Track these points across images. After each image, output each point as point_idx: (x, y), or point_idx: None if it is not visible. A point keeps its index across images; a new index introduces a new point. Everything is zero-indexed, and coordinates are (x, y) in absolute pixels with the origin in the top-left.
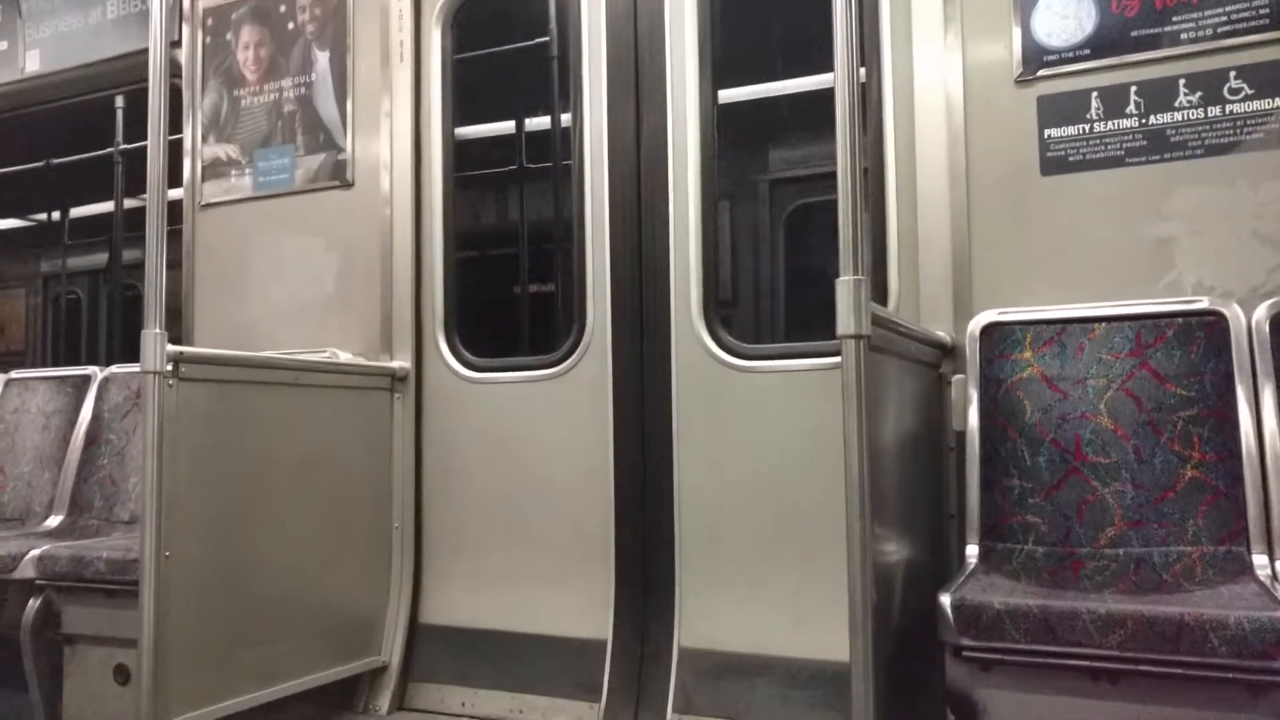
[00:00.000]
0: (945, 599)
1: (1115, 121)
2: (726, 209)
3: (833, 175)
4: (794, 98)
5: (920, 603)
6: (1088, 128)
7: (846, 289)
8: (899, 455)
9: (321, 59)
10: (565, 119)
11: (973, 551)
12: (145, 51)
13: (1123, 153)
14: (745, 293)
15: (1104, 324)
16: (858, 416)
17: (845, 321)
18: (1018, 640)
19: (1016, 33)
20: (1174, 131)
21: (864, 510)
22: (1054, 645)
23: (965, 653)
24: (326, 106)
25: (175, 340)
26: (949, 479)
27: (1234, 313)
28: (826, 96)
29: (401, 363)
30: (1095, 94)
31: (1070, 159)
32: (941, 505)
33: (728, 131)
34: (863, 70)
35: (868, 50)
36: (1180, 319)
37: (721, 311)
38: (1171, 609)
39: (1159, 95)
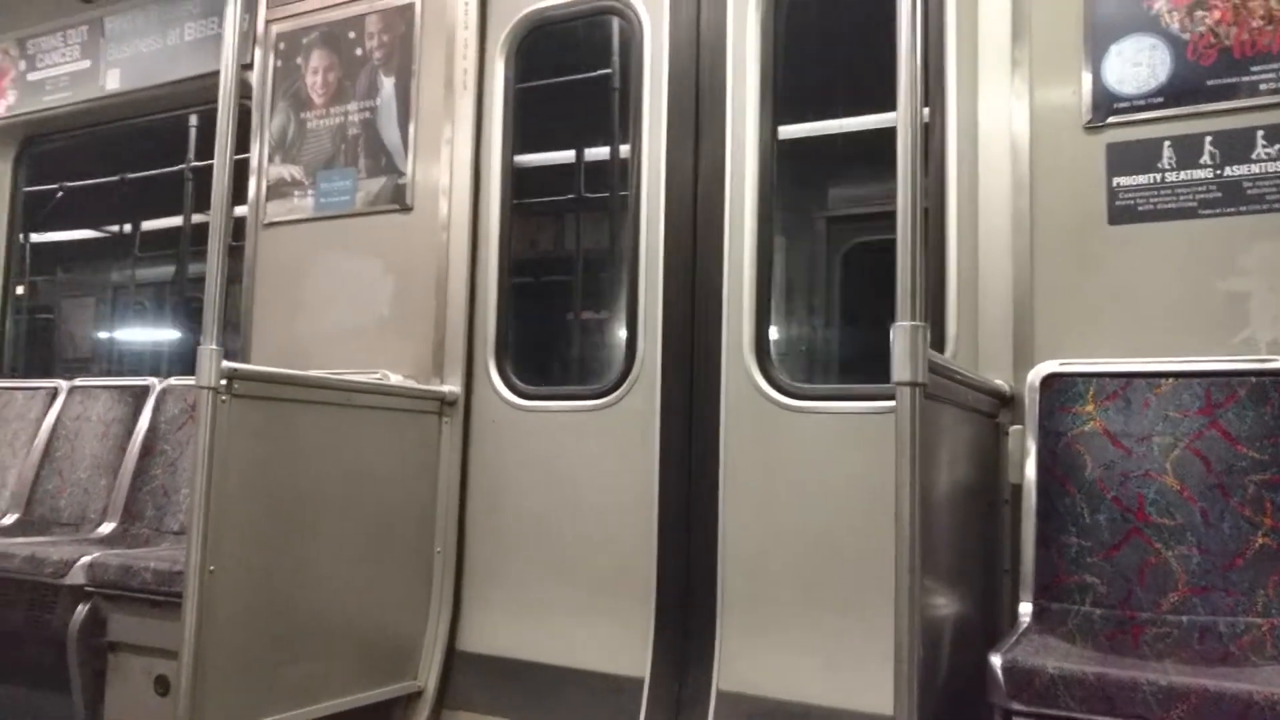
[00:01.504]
0: (996, 660)
1: (1188, 172)
2: (783, 245)
3: (892, 215)
4: (854, 135)
5: (970, 661)
6: (1159, 177)
7: (904, 335)
8: (952, 506)
9: (387, 85)
10: (625, 150)
11: (1026, 610)
12: (218, 73)
13: (1195, 204)
14: (799, 331)
15: (1172, 380)
16: (911, 466)
17: (901, 368)
18: (1072, 708)
19: (1086, 78)
20: (1250, 184)
21: (914, 564)
22: (1111, 716)
23: (1015, 718)
24: (389, 131)
25: (232, 355)
26: (1004, 533)
27: None
28: (888, 135)
29: (451, 387)
30: (1168, 143)
31: (1140, 208)
32: (996, 560)
33: (787, 167)
34: (926, 110)
35: (932, 90)
36: (1254, 378)
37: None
38: (1240, 685)
39: (1235, 146)
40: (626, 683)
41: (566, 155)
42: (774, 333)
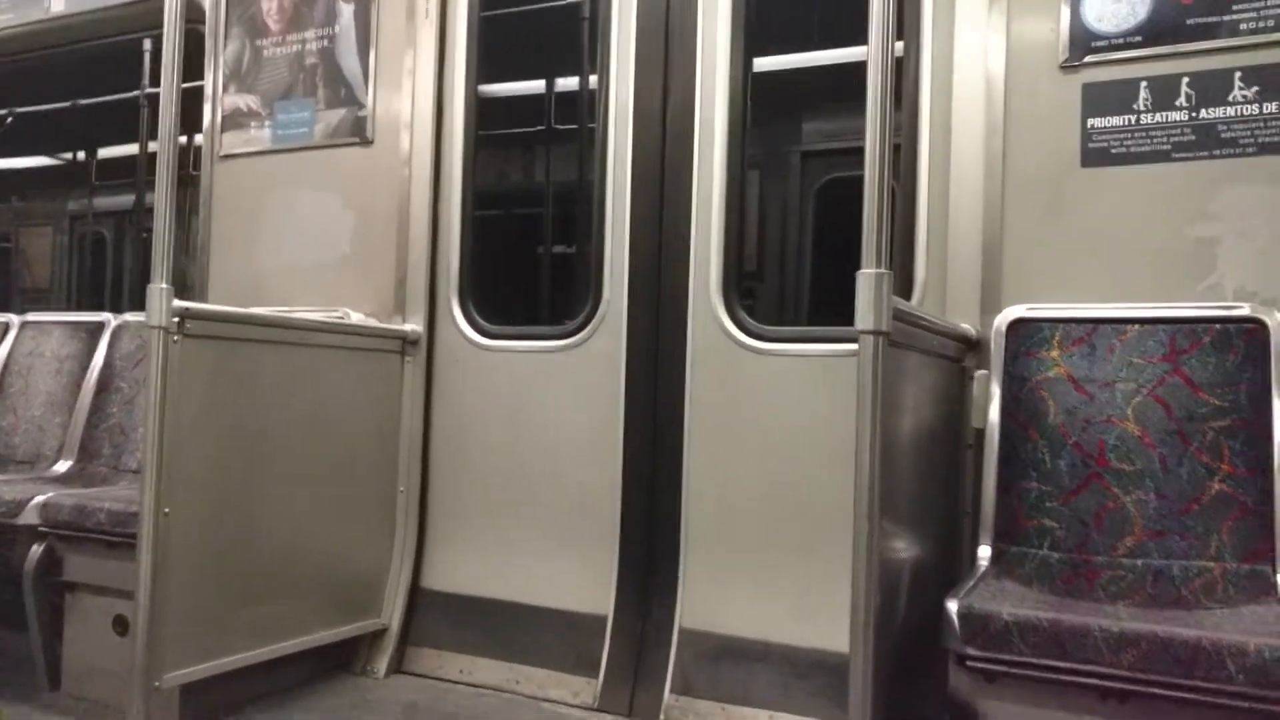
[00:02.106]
0: (952, 605)
1: (1164, 114)
2: (756, 180)
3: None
4: (829, 69)
5: (927, 605)
6: (1134, 119)
7: (868, 282)
8: (914, 450)
9: (346, 11)
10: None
11: (985, 554)
12: None
13: (1169, 147)
14: (771, 269)
15: (1137, 326)
16: (872, 414)
17: (865, 316)
18: (1025, 653)
19: (1065, 15)
20: (1226, 127)
21: (873, 509)
22: (1063, 661)
23: (969, 662)
24: (349, 60)
25: (187, 292)
26: (966, 477)
27: (1276, 321)
28: (863, 69)
29: (414, 326)
30: (1144, 84)
31: (1113, 151)
32: (957, 504)
33: (760, 101)
34: (900, 45)
35: (907, 25)
36: (1219, 325)
37: (745, 284)
38: (1189, 631)
39: (1212, 88)
40: (590, 620)
41: (533, 86)
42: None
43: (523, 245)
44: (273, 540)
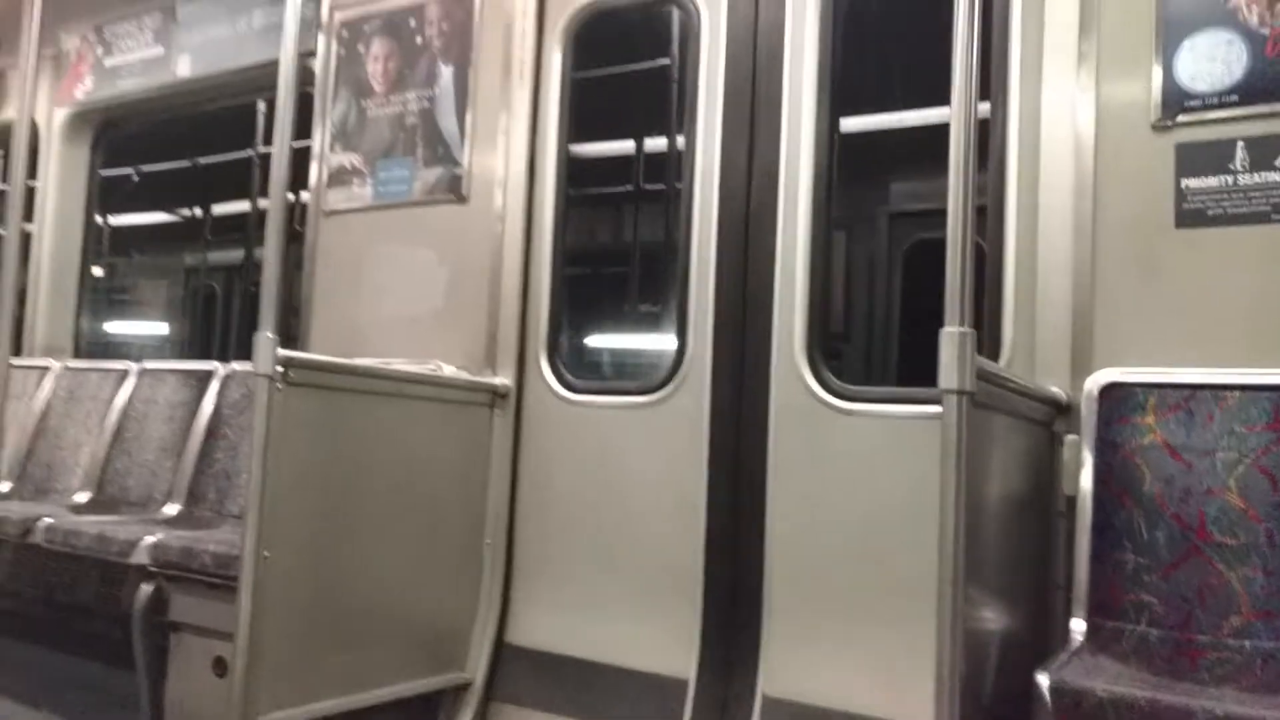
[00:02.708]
0: (1044, 679)
1: (1263, 174)
2: (843, 240)
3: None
4: (917, 130)
5: (1016, 679)
6: (1231, 179)
7: (951, 341)
8: (1002, 516)
9: (445, 74)
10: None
11: (1079, 628)
12: None
13: (1269, 208)
14: (858, 329)
15: (1239, 392)
16: (957, 476)
17: (948, 375)
18: None
19: (1156, 75)
20: None
21: (957, 577)
22: None
23: None
24: (447, 121)
25: (292, 340)
26: (1058, 547)
27: None
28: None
29: (503, 379)
30: (1241, 143)
31: (1209, 212)
32: (1049, 574)
33: (848, 161)
34: (986, 105)
35: (994, 84)
36: None
37: (831, 344)
38: None
39: None
40: (672, 683)
41: (623, 145)
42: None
43: (610, 301)
44: (363, 588)
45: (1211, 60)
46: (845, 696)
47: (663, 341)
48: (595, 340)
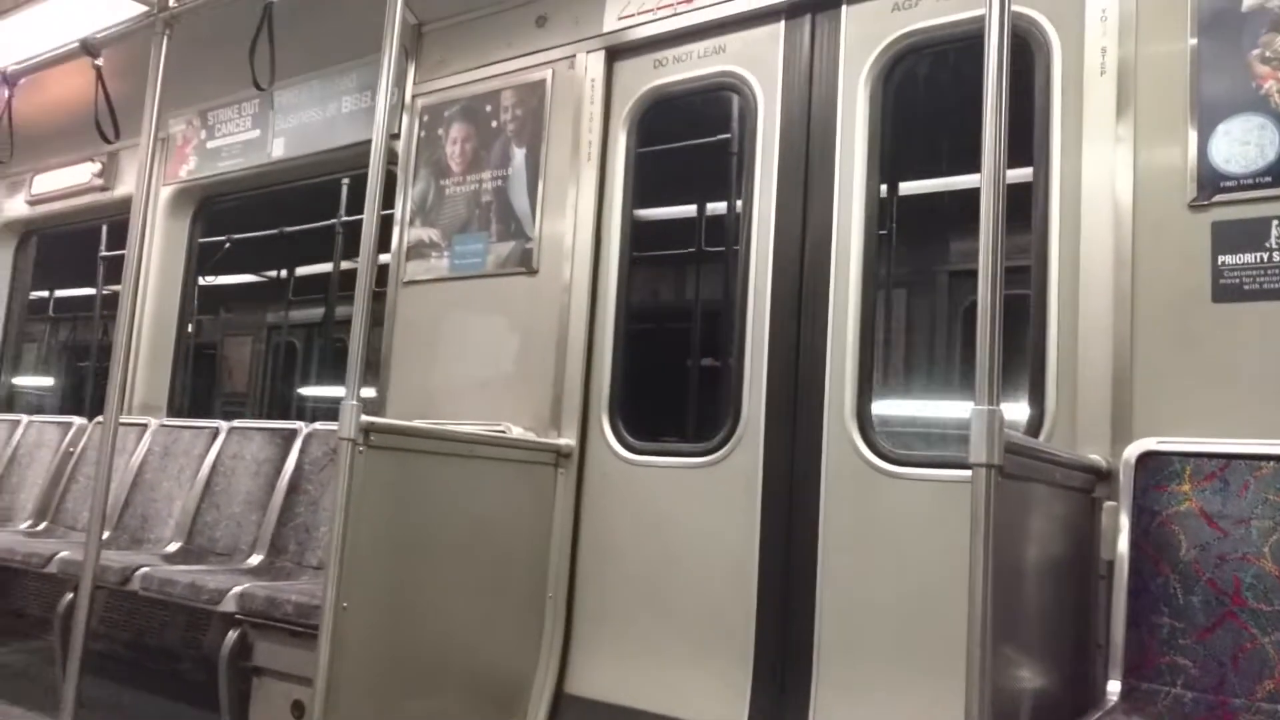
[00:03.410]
0: None
1: None
2: (903, 298)
3: (1015, 270)
4: (973, 192)
5: None
6: (1266, 256)
7: (980, 418)
8: (1041, 579)
9: (518, 155)
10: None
11: (1114, 689)
12: (370, 141)
13: None
14: (917, 385)
15: (1273, 462)
16: (984, 545)
17: (977, 450)
18: None
19: (1192, 154)
20: None
21: (985, 638)
22: None
23: None
24: (519, 198)
25: (370, 402)
26: (1098, 610)
27: None
28: (1012, 193)
29: (567, 440)
30: (1276, 222)
31: (1246, 287)
32: (1089, 635)
33: (908, 223)
34: (1028, 171)
35: (1036, 149)
36: None
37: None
38: None
39: None
40: None
41: (683, 211)
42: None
43: (670, 363)
44: (433, 638)
45: (1245, 144)
46: None
47: (719, 402)
48: (656, 402)
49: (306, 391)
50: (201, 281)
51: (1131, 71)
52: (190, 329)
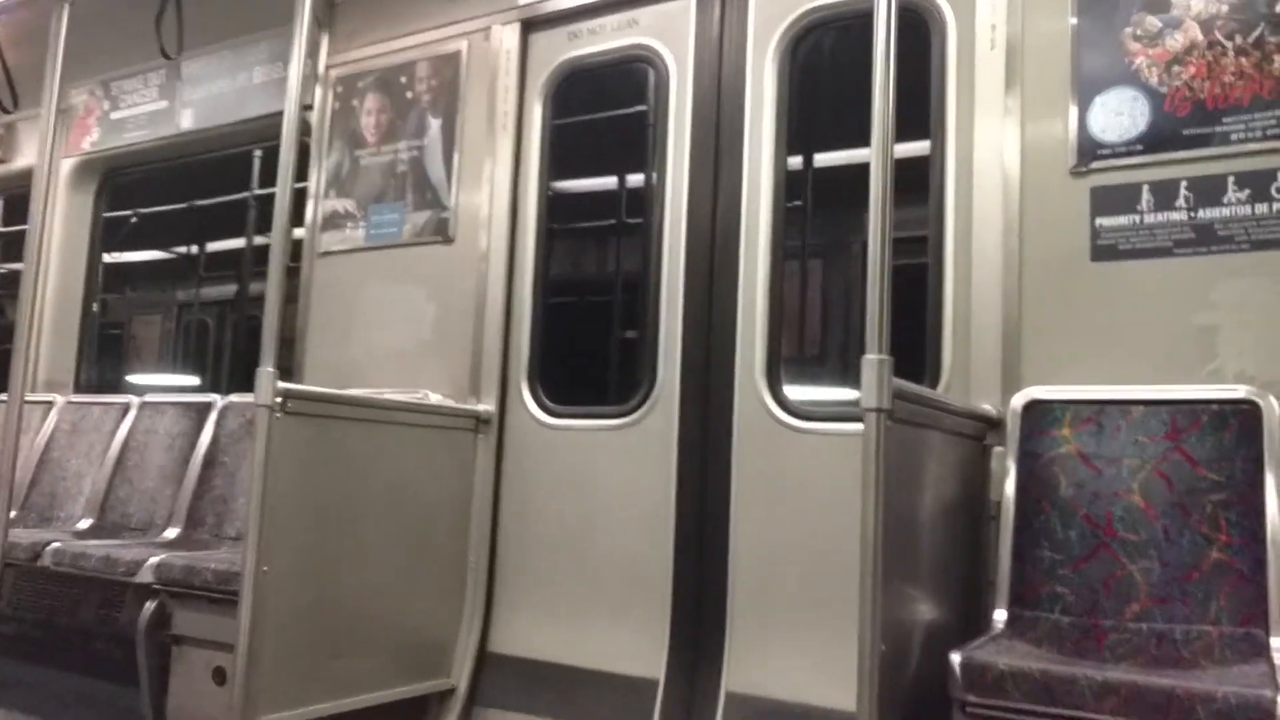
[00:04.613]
0: (955, 657)
1: (1165, 214)
2: (819, 267)
3: (921, 240)
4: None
5: (941, 663)
6: (1138, 219)
7: (871, 366)
8: (935, 520)
9: (434, 125)
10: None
11: (1000, 617)
12: (282, 113)
13: (1171, 244)
14: (833, 352)
15: (1141, 407)
16: (876, 485)
17: (868, 396)
18: (1018, 700)
19: (1072, 126)
20: (1221, 226)
21: (875, 571)
22: (1052, 707)
23: (969, 709)
24: (435, 168)
25: (288, 372)
26: (989, 547)
27: (1269, 404)
28: (910, 165)
29: (486, 406)
30: (1146, 187)
31: (1120, 248)
32: (982, 572)
33: (823, 194)
34: (927, 143)
35: (933, 124)
36: (1215, 406)
37: (808, 369)
38: (1164, 681)
39: (1208, 191)
40: (643, 684)
41: (600, 183)
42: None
43: (587, 330)
44: (356, 601)
45: (1119, 114)
46: (802, 690)
47: (635, 367)
48: (574, 368)
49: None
50: (108, 259)
51: (1019, 47)
52: (96, 308)
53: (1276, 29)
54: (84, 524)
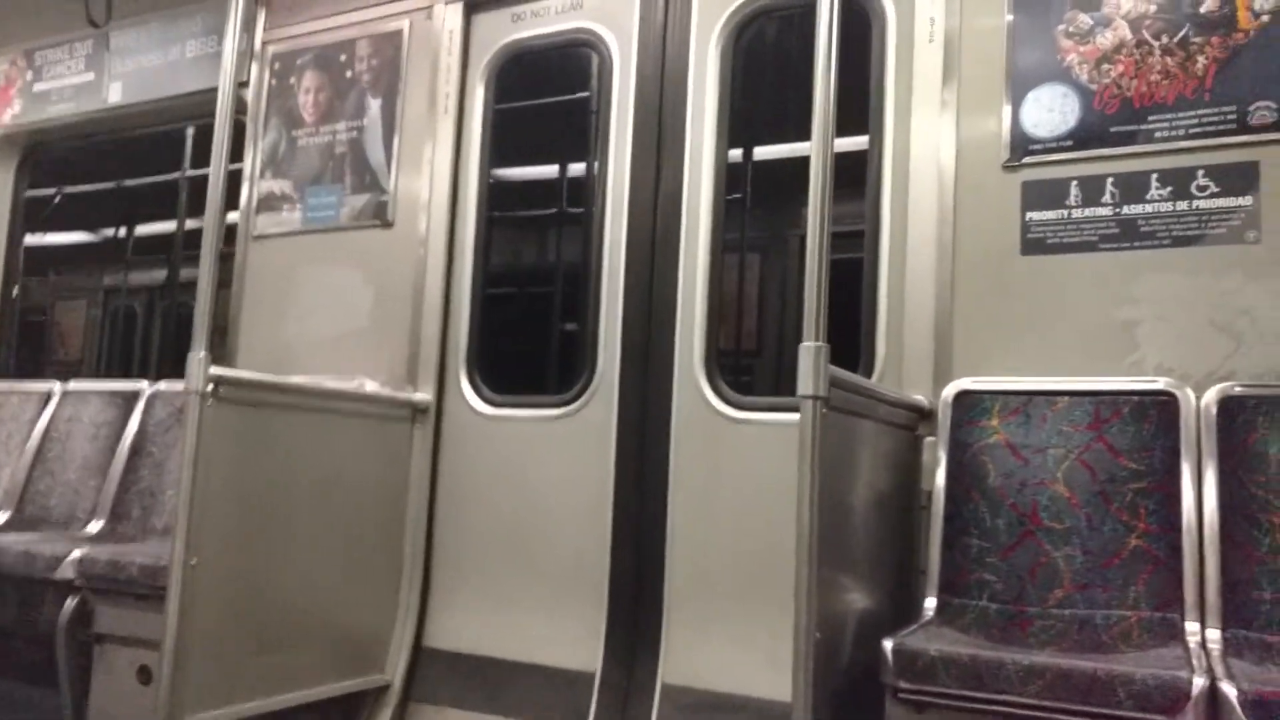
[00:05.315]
0: (888, 644)
1: (1092, 209)
2: (758, 261)
3: (855, 235)
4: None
5: (874, 650)
6: (1067, 214)
7: (807, 353)
8: (868, 509)
9: (374, 106)
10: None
11: (930, 604)
12: (216, 89)
13: (1097, 238)
14: (769, 345)
15: (1066, 397)
16: (811, 471)
17: (805, 383)
18: (949, 685)
19: (1006, 121)
20: (1144, 222)
21: (811, 558)
22: (980, 691)
23: (901, 694)
24: (374, 150)
25: (220, 359)
26: (920, 536)
27: (1185, 395)
28: (849, 159)
29: (424, 395)
30: (1075, 183)
31: (1049, 241)
32: (913, 560)
33: (762, 188)
34: (867, 139)
35: (871, 119)
36: (1136, 397)
37: (744, 361)
38: (1086, 663)
39: (1133, 187)
40: (579, 676)
41: (542, 171)
42: (745, 345)
43: (527, 320)
44: (288, 595)
45: (1050, 110)
46: (739, 681)
47: (575, 357)
48: (513, 357)
49: None
50: (29, 241)
51: (957, 41)
52: (15, 294)
53: (1200, 29)
54: (1, 517)
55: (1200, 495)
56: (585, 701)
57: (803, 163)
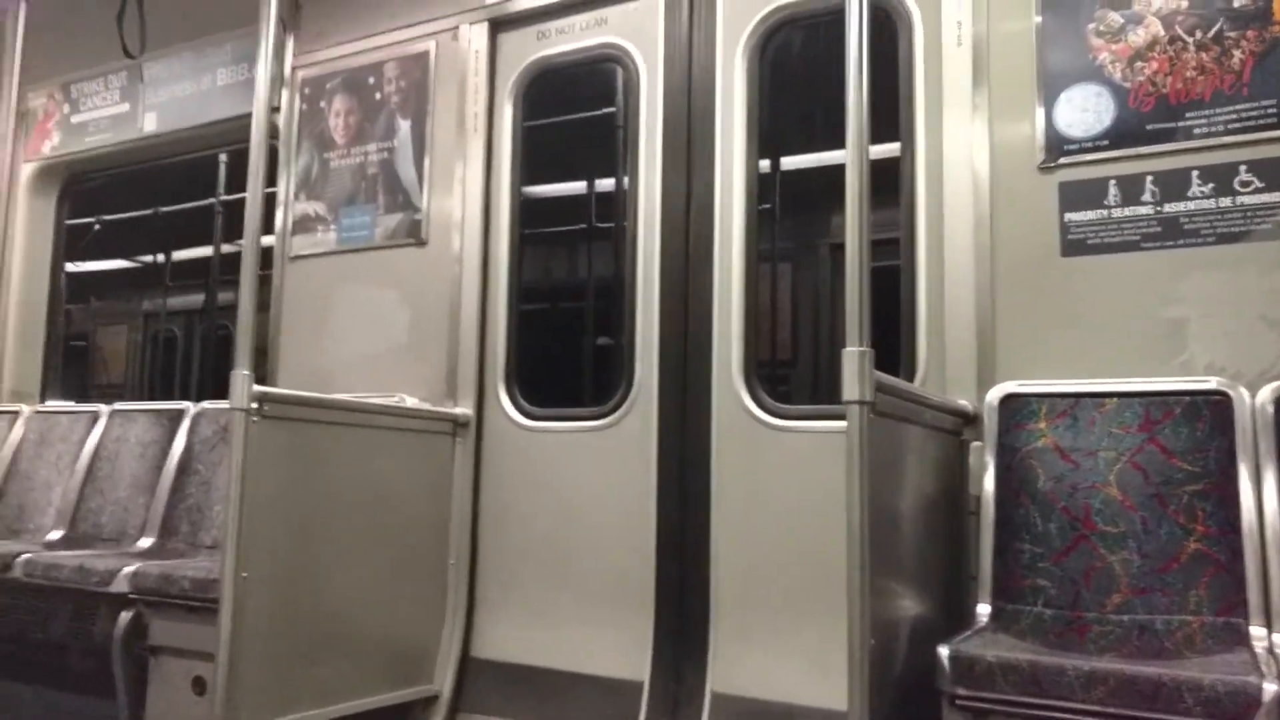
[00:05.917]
0: (944, 650)
1: (1131, 208)
2: (789, 271)
3: (891, 242)
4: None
5: (929, 655)
6: (1106, 213)
7: (852, 359)
8: (917, 516)
9: (404, 127)
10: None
11: (984, 610)
12: (249, 115)
13: (1139, 238)
14: (805, 354)
15: (1115, 399)
16: (860, 477)
17: (850, 389)
18: (1007, 692)
19: (1039, 122)
20: (1187, 219)
21: (863, 565)
22: (1040, 698)
23: (959, 701)
24: (406, 170)
25: (260, 380)
26: (970, 541)
27: (1239, 394)
28: (882, 167)
29: (464, 409)
30: (1113, 182)
31: (1089, 242)
32: (963, 566)
33: (791, 197)
34: (897, 146)
35: (902, 126)
36: (1188, 397)
37: (779, 370)
38: (1151, 669)
39: (1173, 185)
40: (626, 686)
41: (572, 187)
42: (779, 355)
43: (563, 333)
44: (336, 607)
45: (1085, 110)
46: (787, 689)
47: (613, 370)
48: (551, 371)
49: None
50: (71, 268)
51: (985, 44)
52: (60, 320)
53: (1235, 24)
54: (55, 535)
55: (1260, 496)
56: (634, 711)
57: (831, 171)
